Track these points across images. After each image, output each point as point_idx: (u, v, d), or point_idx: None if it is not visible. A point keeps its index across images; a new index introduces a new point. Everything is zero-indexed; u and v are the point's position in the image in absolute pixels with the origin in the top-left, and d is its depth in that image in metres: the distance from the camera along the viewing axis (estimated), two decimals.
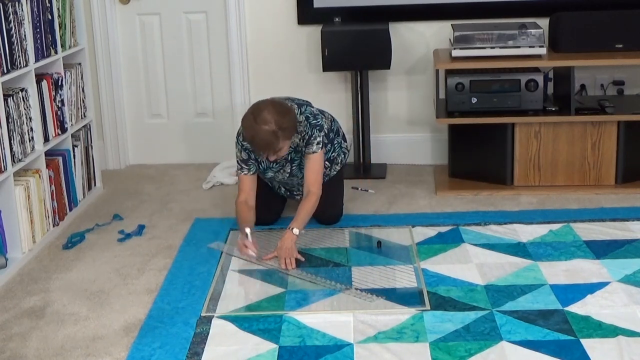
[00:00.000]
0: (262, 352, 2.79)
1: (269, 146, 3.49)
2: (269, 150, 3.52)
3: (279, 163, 3.75)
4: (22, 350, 2.90)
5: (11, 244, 3.64)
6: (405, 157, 4.93)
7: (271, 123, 3.46)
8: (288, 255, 3.49)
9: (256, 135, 3.47)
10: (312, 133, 3.66)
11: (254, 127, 3.48)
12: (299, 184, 3.90)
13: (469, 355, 2.72)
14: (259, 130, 3.46)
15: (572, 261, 3.43)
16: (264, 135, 3.46)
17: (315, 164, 3.68)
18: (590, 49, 4.32)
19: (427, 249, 3.61)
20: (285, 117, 3.51)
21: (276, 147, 3.50)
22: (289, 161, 3.75)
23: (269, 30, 4.85)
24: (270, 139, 3.46)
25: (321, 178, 3.73)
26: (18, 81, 3.76)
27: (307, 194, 3.67)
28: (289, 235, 3.55)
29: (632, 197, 4.18)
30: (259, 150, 3.54)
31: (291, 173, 3.79)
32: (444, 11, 4.69)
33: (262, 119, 3.47)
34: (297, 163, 3.76)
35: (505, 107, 4.31)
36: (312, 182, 3.68)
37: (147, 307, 3.18)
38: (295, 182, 3.88)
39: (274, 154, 3.56)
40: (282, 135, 3.49)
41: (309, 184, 3.68)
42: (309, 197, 3.66)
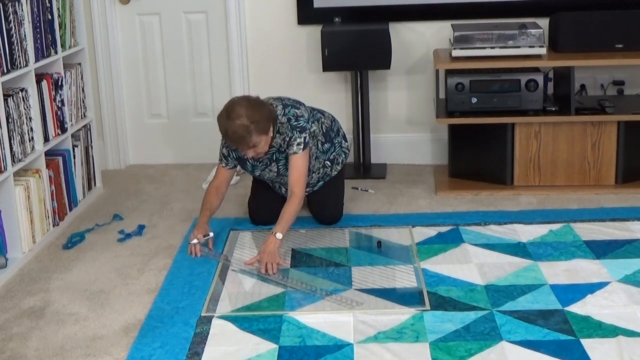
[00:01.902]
0: (262, 352, 2.79)
1: (242, 140, 3.48)
2: (242, 145, 3.51)
3: (263, 162, 3.75)
4: (22, 350, 2.90)
5: (11, 244, 3.64)
6: (405, 157, 4.93)
7: (243, 117, 3.46)
8: (270, 260, 3.45)
9: (229, 129, 3.49)
10: (292, 134, 3.64)
11: (227, 122, 3.50)
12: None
13: (469, 355, 2.72)
14: (231, 125, 3.47)
15: (572, 261, 3.43)
16: (237, 129, 3.46)
17: (297, 164, 3.65)
18: (590, 49, 4.32)
19: (427, 249, 3.61)
20: (257, 111, 3.51)
21: (249, 141, 3.49)
22: (274, 161, 3.74)
23: (269, 30, 4.85)
24: (243, 133, 3.46)
25: (304, 179, 3.69)
26: (18, 81, 3.76)
27: (290, 196, 3.64)
28: (272, 239, 3.52)
29: (632, 197, 4.18)
30: (233, 144, 3.55)
31: (279, 172, 3.78)
32: (444, 11, 4.69)
33: (235, 113, 3.48)
34: (283, 163, 3.74)
35: (505, 107, 4.31)
36: (294, 182, 3.65)
37: (147, 307, 3.18)
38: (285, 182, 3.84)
39: (249, 149, 3.54)
40: (255, 129, 3.47)
41: (292, 184, 3.65)
42: (292, 199, 3.63)
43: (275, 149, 3.69)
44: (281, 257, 3.52)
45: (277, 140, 3.66)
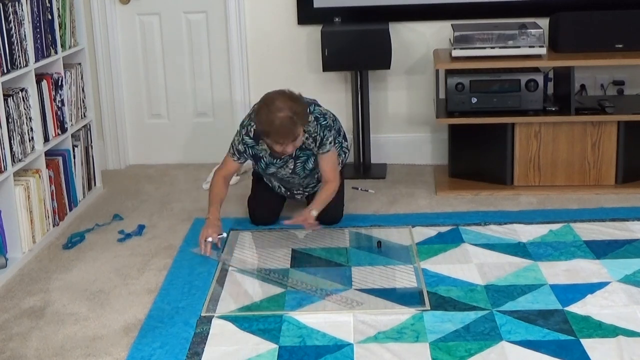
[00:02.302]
0: (262, 352, 2.79)
1: (290, 133, 3.48)
2: (288, 138, 3.50)
3: (283, 159, 3.75)
4: (22, 350, 2.90)
5: (11, 244, 3.64)
6: (405, 157, 4.93)
7: (286, 109, 3.47)
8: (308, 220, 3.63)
9: (274, 123, 3.46)
10: (323, 134, 3.70)
11: (270, 116, 3.47)
12: (300, 184, 3.90)
13: (469, 355, 2.72)
14: (276, 118, 3.46)
15: (572, 261, 3.43)
16: (283, 121, 3.45)
17: (330, 160, 3.76)
18: (590, 49, 4.32)
19: (427, 249, 3.61)
20: (297, 102, 3.54)
21: (295, 132, 3.50)
22: (293, 158, 3.75)
23: (269, 30, 4.85)
24: (289, 124, 3.46)
25: (338, 169, 3.82)
26: (18, 81, 3.76)
27: (326, 183, 3.76)
28: (308, 213, 3.66)
29: (632, 197, 4.18)
30: (280, 138, 3.50)
31: (294, 170, 3.80)
32: (444, 11, 4.69)
33: (275, 107, 3.48)
34: (302, 160, 3.77)
35: (505, 107, 4.31)
36: (328, 172, 3.76)
37: (147, 307, 3.18)
38: (296, 181, 3.88)
39: (292, 142, 3.54)
40: (298, 120, 3.49)
41: (328, 176, 3.76)
42: (329, 184, 3.75)
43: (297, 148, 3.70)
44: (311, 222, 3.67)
45: (302, 138, 3.65)
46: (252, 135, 3.72)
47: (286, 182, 3.90)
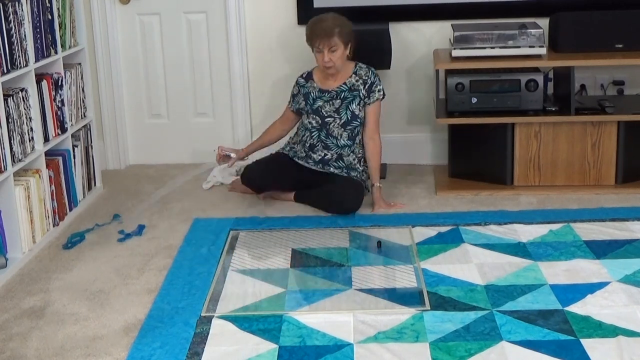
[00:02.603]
0: (262, 352, 2.79)
1: (329, 34, 4.00)
2: (325, 40, 4.00)
3: (330, 93, 4.15)
4: (22, 350, 2.90)
5: (11, 244, 3.64)
6: (405, 157, 4.93)
7: (332, 19, 4.07)
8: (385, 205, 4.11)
9: (317, 23, 4.06)
10: (374, 80, 4.15)
11: (316, 20, 4.09)
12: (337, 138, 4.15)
13: (469, 355, 2.72)
14: (321, 22, 4.06)
15: (572, 261, 3.43)
16: (325, 24, 4.03)
17: (377, 111, 4.18)
18: (590, 49, 4.32)
19: (427, 249, 3.61)
20: (344, 23, 4.09)
21: (332, 39, 4.01)
22: (339, 98, 4.14)
23: (269, 30, 4.85)
24: (329, 28, 4.00)
25: (379, 127, 4.21)
26: (18, 81, 3.76)
27: (372, 144, 4.17)
28: (376, 190, 4.13)
29: (632, 197, 4.18)
30: (319, 36, 4.01)
31: (338, 109, 4.13)
32: (444, 11, 4.69)
33: (325, 16, 4.11)
34: (348, 101, 4.13)
35: (505, 107, 4.31)
36: (373, 129, 4.18)
37: (147, 307, 3.18)
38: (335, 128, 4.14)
39: (328, 49, 4.01)
40: (339, 32, 4.03)
41: (372, 131, 4.18)
42: (375, 146, 4.17)
43: (346, 87, 4.15)
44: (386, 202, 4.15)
45: (352, 80, 4.15)
46: (304, 76, 4.27)
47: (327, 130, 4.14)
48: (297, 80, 4.28)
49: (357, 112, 4.14)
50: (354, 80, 4.14)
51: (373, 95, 4.14)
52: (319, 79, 4.21)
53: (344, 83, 4.15)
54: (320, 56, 4.06)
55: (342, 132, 4.15)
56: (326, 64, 4.06)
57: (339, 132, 4.15)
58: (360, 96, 4.13)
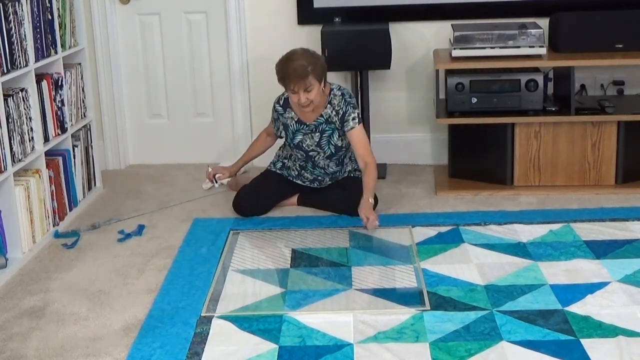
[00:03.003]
0: (262, 352, 2.79)
1: (302, 78, 3.80)
2: (299, 83, 3.81)
3: (309, 126, 4.01)
4: (22, 350, 2.90)
5: (11, 244, 3.64)
6: (405, 157, 4.93)
7: (303, 60, 3.84)
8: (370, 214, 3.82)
9: (289, 66, 3.83)
10: (346, 110, 3.97)
11: (287, 62, 3.86)
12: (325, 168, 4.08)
13: (469, 355, 2.72)
14: (292, 64, 3.83)
15: (572, 261, 3.43)
16: (296, 65, 3.82)
17: (359, 137, 3.99)
18: (590, 49, 4.32)
19: (427, 249, 3.61)
20: (316, 58, 3.91)
21: (307, 81, 3.82)
22: (318, 131, 4.02)
23: (269, 30, 4.85)
24: (303, 71, 3.80)
25: (369, 147, 4.03)
26: (18, 81, 3.76)
27: (366, 167, 3.95)
28: (367, 203, 3.87)
29: (632, 197, 4.18)
30: (292, 79, 3.82)
31: (319, 143, 4.02)
32: (444, 11, 4.69)
33: (295, 56, 3.88)
34: (328, 134, 4.01)
35: (505, 107, 4.31)
36: (364, 154, 3.97)
37: (147, 307, 3.18)
38: (321, 160, 4.05)
39: (304, 91, 3.83)
40: (312, 71, 3.82)
41: (362, 156, 3.97)
42: (369, 168, 3.94)
43: (323, 119, 4.00)
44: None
45: (327, 111, 3.99)
46: (281, 103, 4.08)
47: (317, 160, 4.06)
48: (274, 107, 4.11)
49: (339, 143, 4.03)
50: (329, 111, 3.98)
51: (347, 125, 3.96)
52: (296, 109, 4.03)
53: (320, 115, 3.99)
54: (296, 97, 3.87)
55: (328, 162, 4.09)
56: (303, 104, 3.89)
57: (325, 163, 4.09)
58: (337, 127, 4.00)
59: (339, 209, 4.06)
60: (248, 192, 4.13)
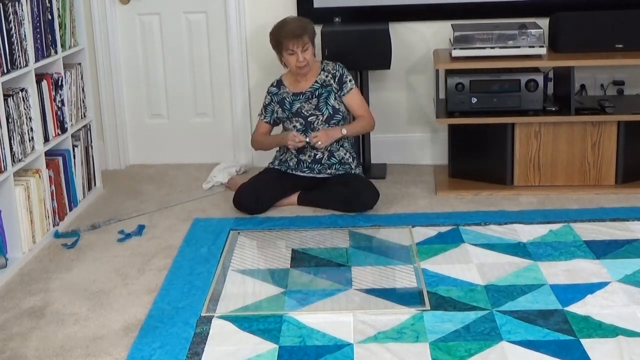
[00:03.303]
0: (262, 352, 2.79)
1: (299, 34, 4.04)
2: (297, 39, 4.04)
3: (305, 94, 4.18)
4: (22, 350, 2.90)
5: (11, 244, 3.64)
6: (405, 157, 4.93)
7: (296, 21, 4.15)
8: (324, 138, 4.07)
9: (285, 27, 4.09)
10: (342, 72, 4.21)
11: (282, 24, 4.13)
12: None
13: (469, 355, 2.72)
14: (287, 25, 4.10)
15: (572, 261, 3.43)
16: (292, 26, 4.08)
17: (356, 100, 4.23)
18: (590, 49, 4.32)
19: (427, 249, 3.61)
20: (307, 21, 4.19)
21: (303, 37, 4.06)
22: (315, 96, 4.17)
23: (269, 30, 4.83)
24: (298, 29, 4.05)
25: (368, 107, 4.29)
26: (18, 81, 3.76)
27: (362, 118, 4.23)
28: (337, 129, 4.13)
29: (632, 197, 4.18)
30: (290, 39, 4.04)
31: (317, 106, 4.16)
32: (444, 11, 4.69)
33: (286, 20, 4.17)
34: (325, 97, 4.17)
35: (505, 107, 4.31)
36: (363, 113, 4.24)
37: (147, 307, 3.18)
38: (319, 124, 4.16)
39: (301, 50, 4.05)
40: (307, 31, 4.09)
41: (361, 113, 4.23)
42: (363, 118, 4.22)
43: (318, 84, 4.19)
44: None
45: (322, 76, 4.20)
46: (275, 84, 4.28)
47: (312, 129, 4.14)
48: (268, 90, 4.29)
49: (336, 105, 4.18)
50: (323, 76, 4.20)
51: (345, 87, 4.19)
52: (289, 84, 4.24)
53: (315, 81, 4.19)
54: (294, 58, 4.08)
55: (326, 127, 4.16)
56: (300, 64, 4.09)
57: (323, 128, 4.16)
58: (334, 90, 4.18)
59: (340, 205, 4.06)
60: (248, 188, 4.14)
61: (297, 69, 4.12)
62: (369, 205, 4.07)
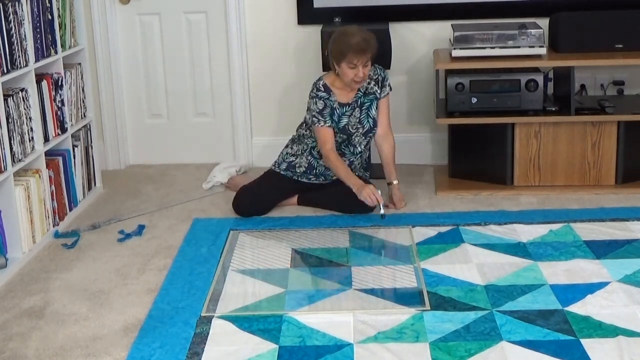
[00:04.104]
0: (262, 352, 2.79)
1: (364, 49, 3.84)
2: (362, 55, 3.84)
3: (351, 106, 4.05)
4: (22, 350, 2.90)
5: (11, 244, 3.64)
6: (405, 157, 4.92)
7: (361, 33, 3.88)
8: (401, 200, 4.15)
9: (352, 40, 3.84)
10: (384, 74, 4.11)
11: (346, 36, 3.88)
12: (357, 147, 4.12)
13: (469, 355, 2.72)
14: (353, 37, 3.85)
15: (572, 261, 3.43)
16: (359, 39, 3.84)
17: (387, 105, 4.14)
18: (590, 49, 4.32)
19: (427, 249, 3.61)
20: (373, 37, 3.94)
21: (368, 50, 3.85)
22: (358, 106, 4.06)
23: (269, 30, 4.85)
24: (365, 44, 3.84)
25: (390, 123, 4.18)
26: (18, 81, 3.76)
27: (385, 138, 4.15)
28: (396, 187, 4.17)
29: (632, 197, 4.18)
30: (356, 53, 3.82)
31: (360, 120, 4.07)
32: (444, 11, 4.69)
33: (352, 30, 3.92)
34: (367, 107, 4.08)
35: (505, 107, 4.31)
36: (386, 125, 4.15)
37: (147, 307, 3.18)
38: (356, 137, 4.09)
39: (364, 61, 3.86)
40: (371, 46, 3.88)
41: (384, 127, 4.14)
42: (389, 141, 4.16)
43: (361, 92, 4.07)
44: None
45: (364, 83, 4.04)
46: (323, 89, 4.03)
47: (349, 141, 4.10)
48: (317, 95, 4.00)
49: (376, 117, 4.11)
50: (365, 83, 4.04)
51: (385, 90, 4.10)
52: (336, 92, 4.03)
53: (358, 90, 4.05)
54: (354, 72, 3.88)
55: (362, 140, 4.11)
56: (358, 79, 3.92)
57: (359, 140, 4.11)
58: (377, 97, 4.09)
59: (340, 206, 4.06)
60: (248, 193, 4.13)
61: (354, 83, 3.96)
62: (369, 206, 4.06)
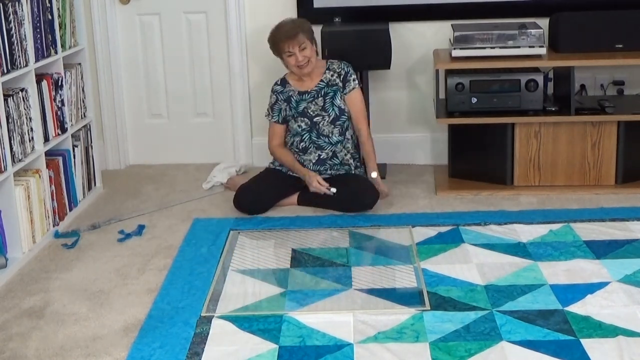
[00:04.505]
0: (262, 352, 2.79)
1: (293, 34, 4.05)
2: (293, 41, 4.05)
3: (310, 94, 4.17)
4: (22, 350, 2.90)
5: (11, 244, 3.64)
6: (405, 157, 4.93)
7: (289, 23, 4.15)
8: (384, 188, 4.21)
9: (279, 31, 4.12)
10: (348, 70, 4.20)
11: (275, 29, 4.15)
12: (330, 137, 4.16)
13: (469, 355, 2.72)
14: (280, 27, 4.13)
15: (572, 261, 3.43)
16: (286, 27, 4.10)
17: (358, 100, 4.21)
18: (590, 49, 4.32)
19: (427, 249, 3.61)
20: (303, 21, 4.22)
21: (298, 36, 4.06)
22: (321, 95, 4.16)
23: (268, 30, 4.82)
24: (291, 29, 4.07)
25: (366, 116, 4.27)
26: (18, 81, 3.76)
27: (363, 136, 4.22)
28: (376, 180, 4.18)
29: (632, 197, 4.18)
30: (285, 40, 4.07)
31: (324, 107, 4.15)
32: (444, 11, 4.69)
33: (281, 23, 4.18)
34: (331, 97, 4.16)
35: (505, 107, 4.30)
36: (361, 120, 4.22)
37: (147, 307, 3.18)
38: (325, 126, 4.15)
39: (299, 49, 4.06)
40: (302, 30, 4.09)
41: (359, 122, 4.21)
42: (367, 138, 4.23)
43: (324, 83, 4.18)
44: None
45: (327, 75, 4.19)
46: (279, 83, 4.25)
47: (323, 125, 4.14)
48: (273, 89, 4.25)
49: (342, 106, 4.17)
50: (329, 75, 4.18)
51: (348, 85, 4.16)
52: (294, 82, 4.22)
53: (320, 80, 4.18)
54: (293, 58, 4.09)
55: (332, 129, 4.16)
56: (300, 63, 4.08)
57: (329, 129, 4.16)
58: (340, 89, 4.17)
59: (340, 205, 4.06)
60: (248, 189, 4.14)
61: (298, 69, 4.12)
62: (369, 205, 4.07)
